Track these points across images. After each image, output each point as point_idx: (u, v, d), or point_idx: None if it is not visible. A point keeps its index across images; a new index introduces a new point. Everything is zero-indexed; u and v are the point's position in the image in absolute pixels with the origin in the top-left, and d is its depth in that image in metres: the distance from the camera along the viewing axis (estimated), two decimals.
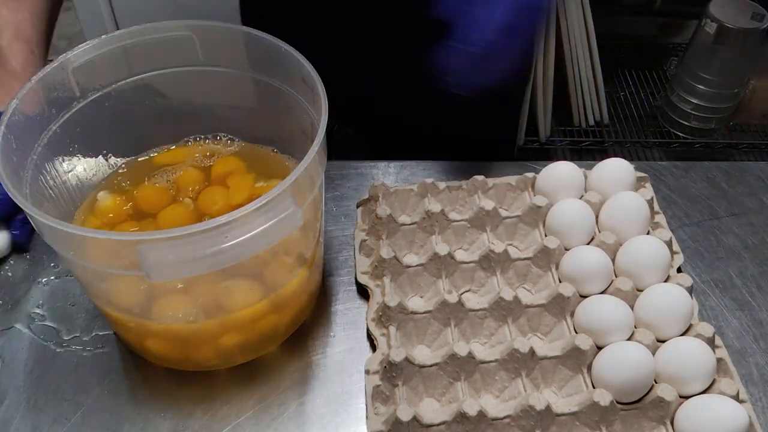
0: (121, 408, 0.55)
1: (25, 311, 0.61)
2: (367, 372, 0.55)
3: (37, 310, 0.61)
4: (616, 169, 0.66)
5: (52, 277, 0.64)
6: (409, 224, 0.64)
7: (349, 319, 0.61)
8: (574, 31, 1.53)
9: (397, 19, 0.75)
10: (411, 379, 0.55)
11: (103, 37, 0.58)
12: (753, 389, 0.56)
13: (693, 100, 1.55)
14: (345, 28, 0.76)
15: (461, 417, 0.51)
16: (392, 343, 0.56)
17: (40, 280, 0.63)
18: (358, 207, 0.68)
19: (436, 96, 0.81)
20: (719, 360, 0.54)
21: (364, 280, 0.62)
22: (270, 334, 0.57)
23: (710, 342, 0.55)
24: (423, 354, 0.57)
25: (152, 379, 0.57)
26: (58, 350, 0.59)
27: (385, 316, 0.58)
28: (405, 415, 0.51)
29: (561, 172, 0.66)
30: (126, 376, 0.57)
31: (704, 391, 0.53)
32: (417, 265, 0.61)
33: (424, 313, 0.58)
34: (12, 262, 0.65)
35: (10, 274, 0.64)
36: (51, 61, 0.56)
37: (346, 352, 0.59)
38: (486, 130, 0.88)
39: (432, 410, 0.54)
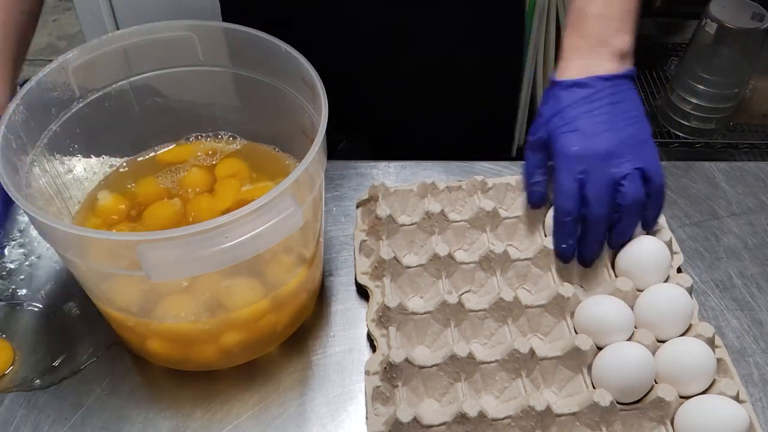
0: (121, 408, 0.55)
1: (26, 311, 0.61)
2: (367, 373, 0.55)
3: (38, 310, 0.61)
4: None
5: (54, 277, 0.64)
6: (409, 225, 0.64)
7: (349, 319, 0.61)
8: None
9: (395, 17, 0.75)
10: (411, 380, 0.55)
11: (103, 37, 0.58)
12: (753, 389, 0.56)
13: (693, 100, 1.54)
14: (342, 26, 0.76)
15: (461, 418, 0.51)
16: (392, 343, 0.56)
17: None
18: (357, 207, 0.68)
19: (434, 95, 0.81)
20: (719, 360, 0.54)
21: (364, 280, 0.62)
22: (270, 333, 0.57)
23: (710, 342, 0.55)
24: (423, 355, 0.57)
25: (152, 379, 0.57)
26: (58, 350, 0.58)
27: (385, 316, 0.57)
28: (405, 415, 0.51)
29: None
30: (126, 376, 0.57)
31: (704, 392, 0.53)
32: (417, 266, 0.61)
33: (424, 313, 0.58)
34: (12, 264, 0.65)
35: (10, 271, 0.64)
36: (51, 61, 0.56)
37: (346, 352, 0.59)
38: (482, 130, 0.88)
39: (432, 411, 0.54)
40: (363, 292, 0.62)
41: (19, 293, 0.62)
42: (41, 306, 0.61)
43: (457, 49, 0.79)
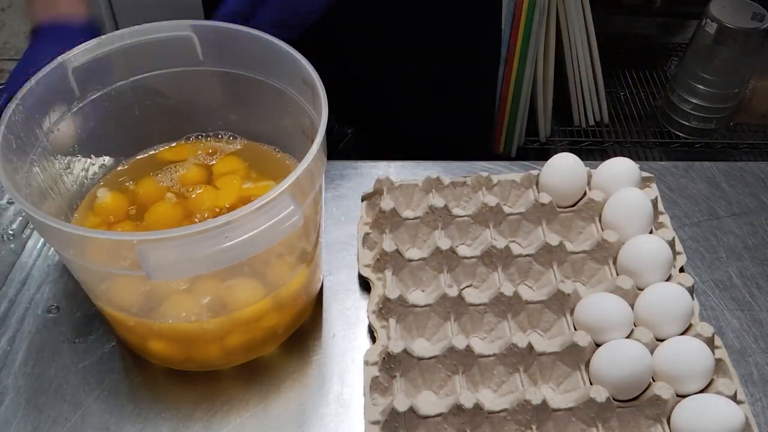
0: (121, 408, 0.55)
1: (25, 311, 0.61)
2: (366, 363, 0.55)
3: (38, 311, 0.61)
4: (621, 168, 0.66)
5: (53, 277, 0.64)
6: (413, 219, 0.65)
7: (349, 319, 0.61)
8: (574, 31, 1.53)
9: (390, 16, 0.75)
10: (409, 372, 0.55)
11: (103, 37, 0.58)
12: (753, 389, 0.56)
13: (693, 100, 1.55)
14: (340, 26, 0.76)
15: (457, 409, 0.51)
16: (392, 335, 0.56)
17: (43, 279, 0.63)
18: (363, 200, 0.68)
19: (429, 94, 0.82)
20: (718, 361, 0.54)
21: (366, 272, 0.62)
22: (270, 333, 0.58)
23: (709, 342, 0.55)
24: (422, 347, 0.57)
25: (152, 379, 0.57)
26: (58, 350, 0.59)
27: (386, 308, 0.58)
28: (402, 405, 0.51)
29: (563, 165, 0.66)
30: (126, 376, 0.57)
31: (702, 391, 0.53)
32: (419, 259, 0.62)
33: (424, 306, 0.58)
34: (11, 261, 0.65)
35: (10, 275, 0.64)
36: (51, 60, 0.56)
37: (346, 352, 0.59)
38: (460, 128, 0.89)
39: (429, 402, 0.54)
40: (364, 292, 0.62)
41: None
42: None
43: (439, 49, 0.80)
